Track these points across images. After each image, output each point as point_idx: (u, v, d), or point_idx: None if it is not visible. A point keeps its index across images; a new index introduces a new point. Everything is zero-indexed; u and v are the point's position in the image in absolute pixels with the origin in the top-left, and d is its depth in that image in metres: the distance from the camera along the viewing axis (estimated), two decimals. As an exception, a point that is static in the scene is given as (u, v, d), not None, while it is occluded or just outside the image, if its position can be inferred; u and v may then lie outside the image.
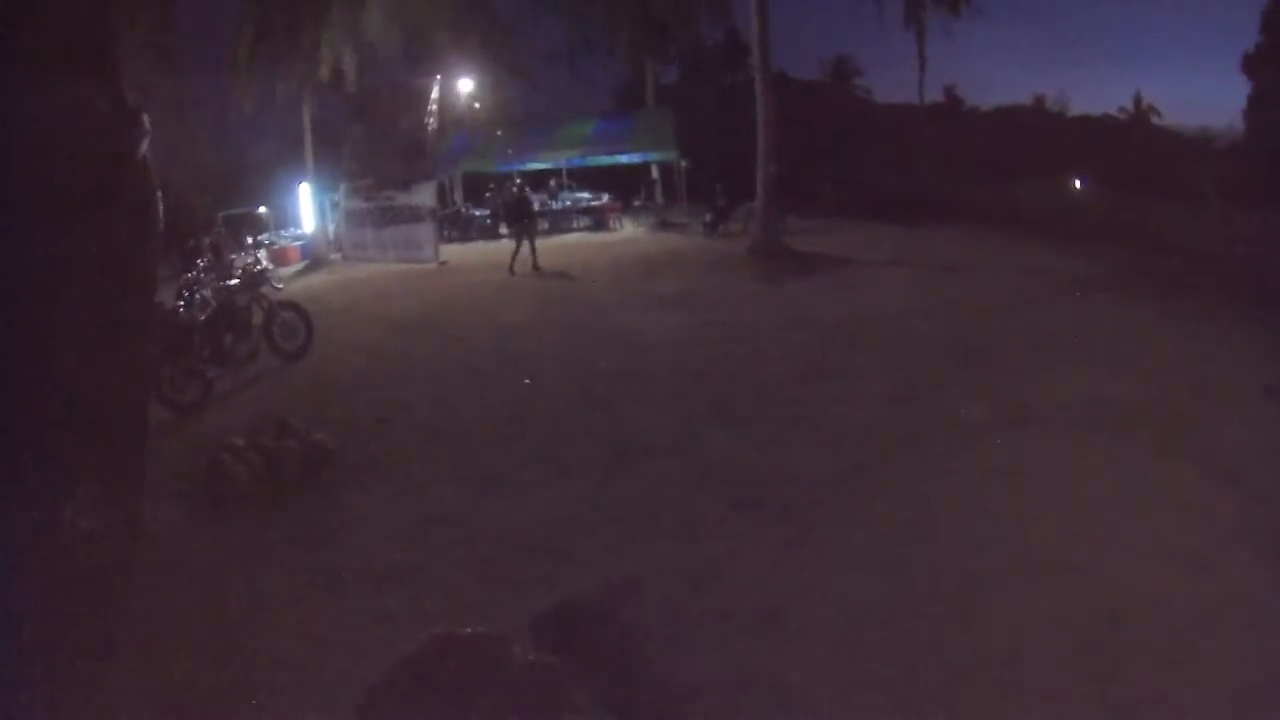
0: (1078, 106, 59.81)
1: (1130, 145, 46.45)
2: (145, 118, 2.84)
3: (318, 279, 25.91)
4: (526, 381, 11.89)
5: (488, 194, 33.28)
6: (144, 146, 2.86)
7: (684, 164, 31.90)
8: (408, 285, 22.19)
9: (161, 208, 2.91)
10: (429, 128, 25.50)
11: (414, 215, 25.61)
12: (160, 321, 10.43)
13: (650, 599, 5.80)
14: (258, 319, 13.60)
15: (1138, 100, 56.72)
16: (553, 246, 27.21)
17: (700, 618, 5.59)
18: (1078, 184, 37.45)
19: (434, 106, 25.51)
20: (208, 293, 14.25)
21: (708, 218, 27.15)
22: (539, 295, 18.66)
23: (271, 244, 31.66)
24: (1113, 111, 56.68)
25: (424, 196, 25.59)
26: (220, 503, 8.27)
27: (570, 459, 9.08)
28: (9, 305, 2.37)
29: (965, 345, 12.39)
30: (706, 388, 11.24)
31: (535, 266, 21.78)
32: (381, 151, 26.57)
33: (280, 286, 23.06)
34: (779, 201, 22.34)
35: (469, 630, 3.66)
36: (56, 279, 2.41)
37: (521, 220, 22.81)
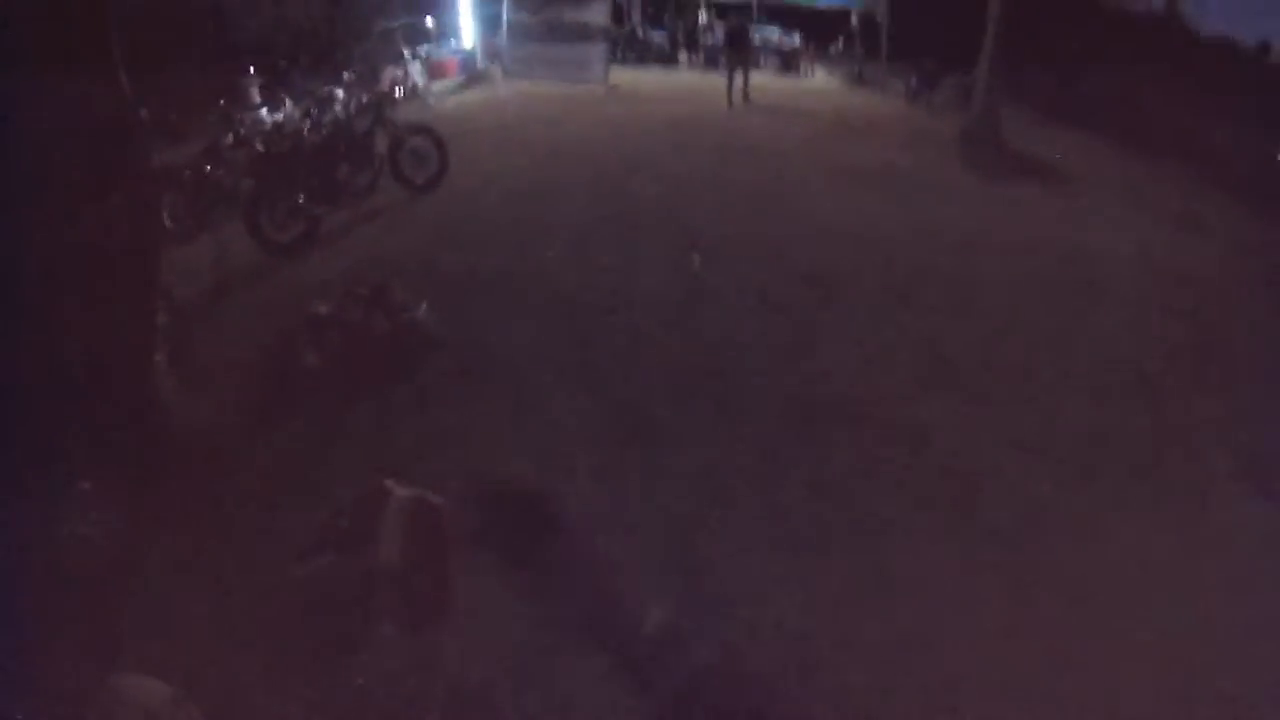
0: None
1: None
2: (144, 113, 2.95)
3: (474, 96, 23.70)
4: (695, 261, 9.41)
5: (667, 16, 30.10)
6: (144, 145, 2.76)
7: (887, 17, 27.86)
8: (570, 108, 19.76)
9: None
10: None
11: (584, 33, 22.82)
12: (260, 151, 10.20)
13: None
14: (383, 146, 11.45)
15: None
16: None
17: None
18: None
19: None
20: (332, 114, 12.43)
21: (913, 82, 23.44)
22: (718, 143, 15.83)
23: (429, 58, 29.67)
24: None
25: (596, 13, 22.71)
26: (284, 389, 6.37)
27: (737, 402, 6.70)
28: (9, 304, 2.28)
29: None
30: (912, 313, 8.61)
31: (746, 97, 20.72)
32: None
33: (431, 103, 21.48)
34: (1002, 82, 18.66)
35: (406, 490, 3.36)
36: (57, 277, 2.35)
37: (739, 50, 21.38)
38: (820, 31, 29.74)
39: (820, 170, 14.20)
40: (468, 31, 27.70)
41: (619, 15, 31.46)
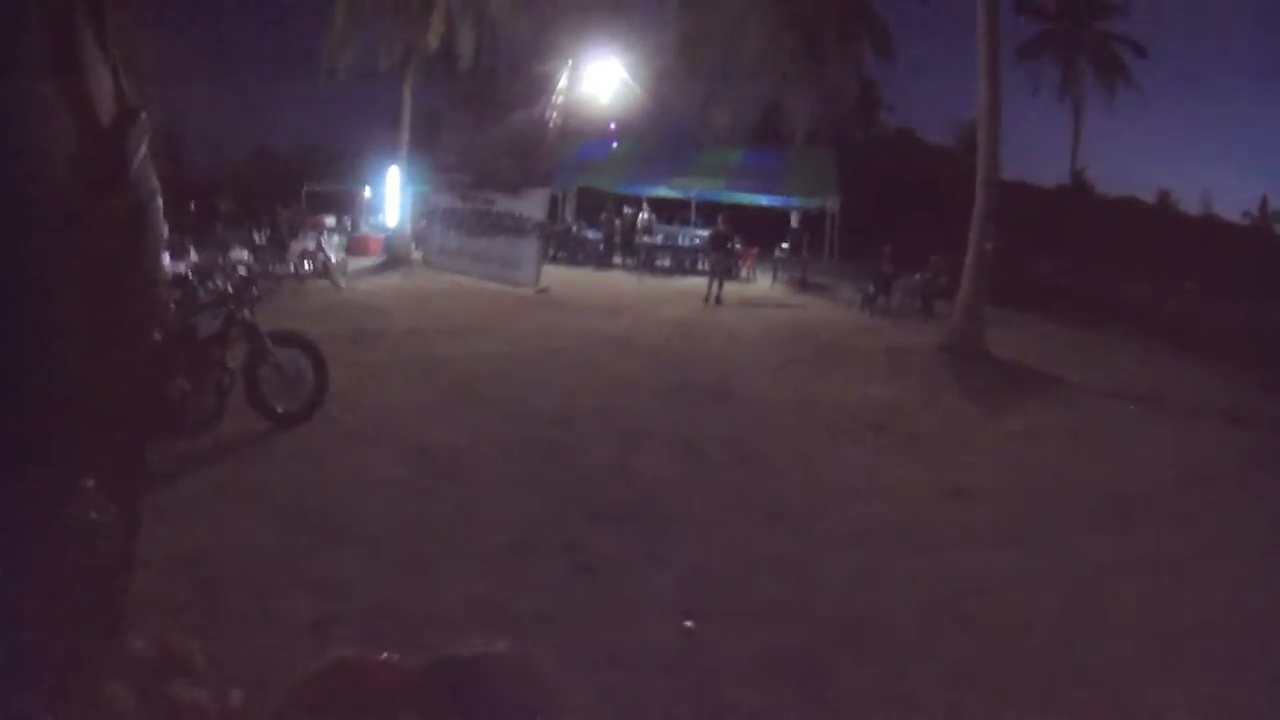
0: (1197, 206, 54.82)
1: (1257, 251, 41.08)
2: (145, 117, 2.44)
3: (390, 282, 20.88)
4: (688, 625, 5.25)
5: (603, 215, 27.95)
6: (144, 145, 2.47)
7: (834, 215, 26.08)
8: (494, 314, 16.87)
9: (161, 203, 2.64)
10: (550, 124, 20.00)
11: (516, 227, 20.21)
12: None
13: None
14: (239, 357, 8.21)
15: (1264, 205, 52.18)
16: (679, 289, 21.79)
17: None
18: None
19: (560, 99, 20.01)
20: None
21: (870, 288, 21.21)
22: (676, 380, 12.74)
23: (353, 232, 27.23)
24: (1230, 216, 52.15)
25: (532, 206, 20.10)
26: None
27: None
28: (9, 304, 2.13)
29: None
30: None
31: (719, 300, 20.23)
32: (488, 145, 21.27)
33: (342, 285, 18.53)
34: (987, 286, 16.40)
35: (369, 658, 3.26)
36: (57, 278, 2.22)
37: (722, 254, 21.22)
38: (757, 231, 27.77)
39: (808, 417, 11.25)
40: (392, 209, 25.30)
41: (553, 209, 29.39)
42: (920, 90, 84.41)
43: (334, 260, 20.94)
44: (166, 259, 11.10)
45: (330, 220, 27.40)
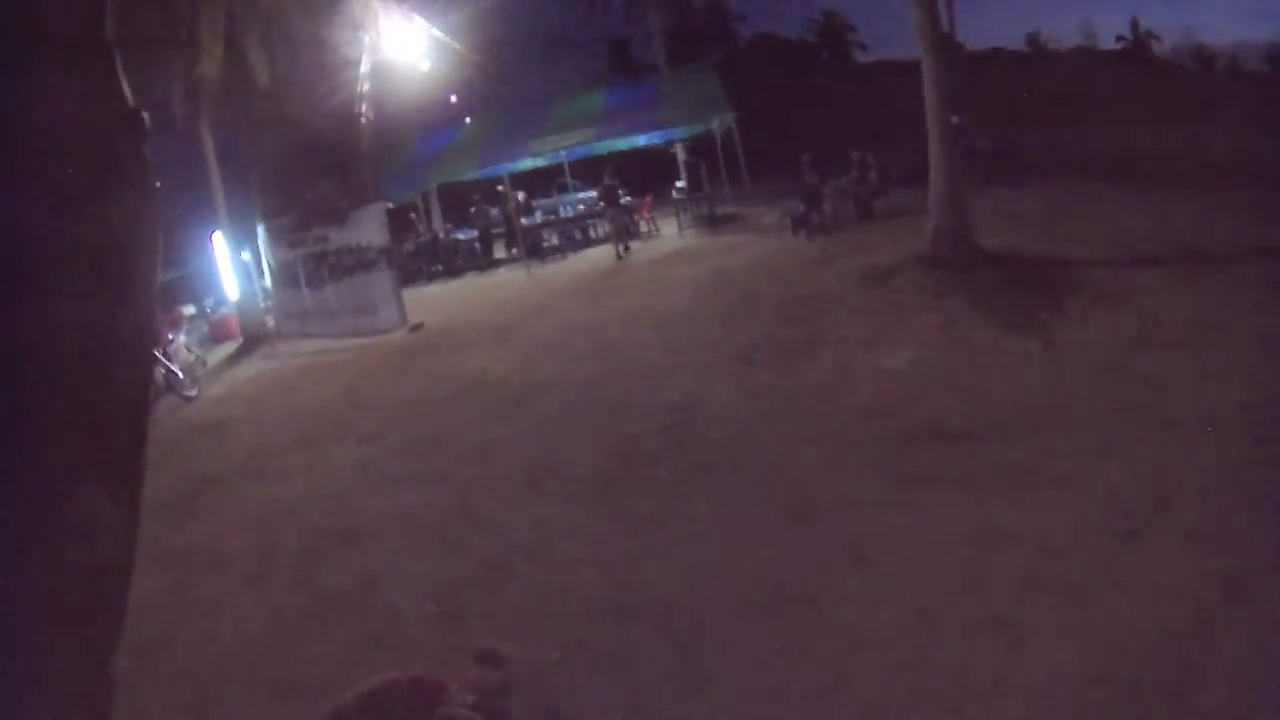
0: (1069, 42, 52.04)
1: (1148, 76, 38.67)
2: (145, 116, 2.33)
3: (246, 372, 16.20)
4: None
5: (472, 210, 23.16)
6: (145, 144, 2.35)
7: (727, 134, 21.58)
8: (359, 387, 12.37)
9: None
10: (361, 120, 15.18)
11: (359, 261, 15.41)
12: None
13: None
14: None
15: (1135, 27, 49.37)
16: (575, 273, 17.30)
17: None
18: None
19: (365, 86, 15.16)
20: None
21: (797, 207, 16.89)
22: (605, 413, 8.76)
23: (211, 315, 22.37)
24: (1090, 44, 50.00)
25: (369, 230, 15.26)
26: None
27: None
28: (8, 304, 2.01)
29: None
30: None
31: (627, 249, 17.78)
32: (301, 171, 16.40)
33: (192, 395, 13.91)
34: (963, 174, 12.35)
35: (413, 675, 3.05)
36: (56, 278, 2.08)
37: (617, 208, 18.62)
38: (647, 178, 23.33)
39: (833, 451, 7.24)
40: (229, 281, 20.32)
41: (407, 220, 24.50)
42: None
43: (192, 358, 16.97)
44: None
45: (190, 309, 23.03)
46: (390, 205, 21.90)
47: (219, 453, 10.86)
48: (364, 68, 15.07)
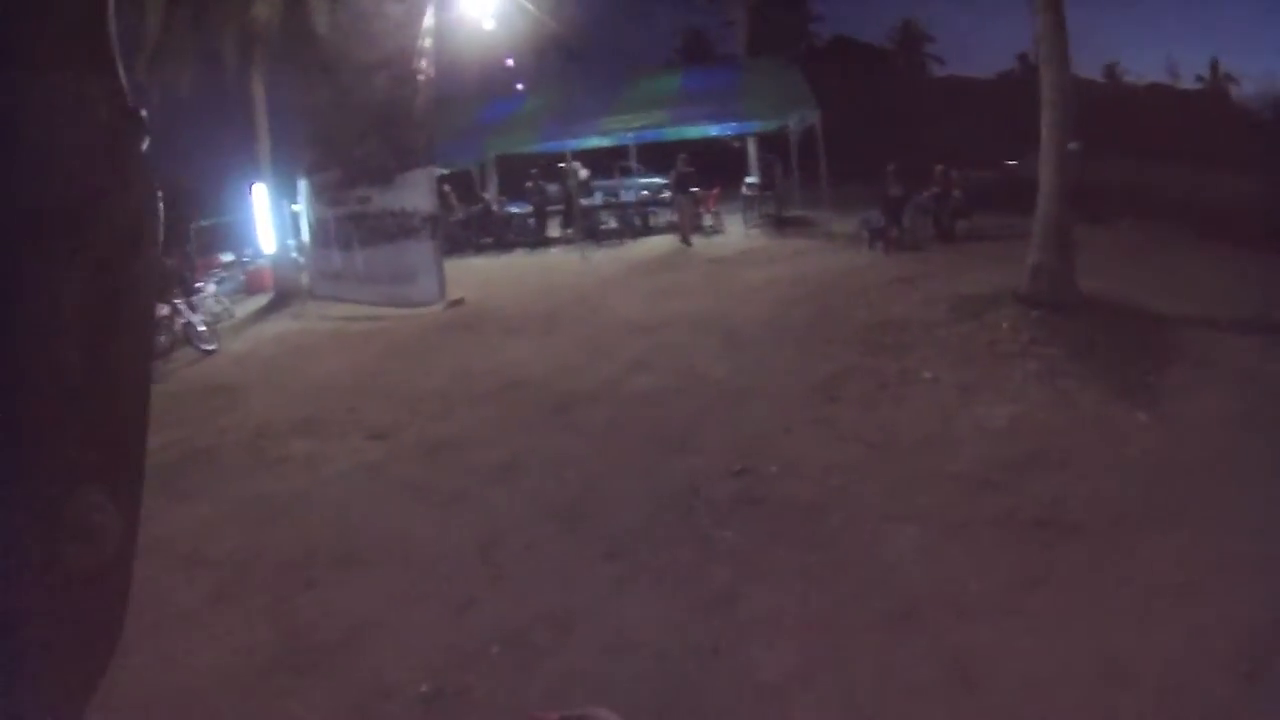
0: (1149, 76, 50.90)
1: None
2: (145, 115, 2.20)
3: (272, 329, 15.14)
4: None
5: (528, 184, 21.81)
6: (144, 144, 2.23)
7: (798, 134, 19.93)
8: (385, 365, 11.32)
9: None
10: (419, 79, 13.83)
11: (401, 228, 14.14)
12: None
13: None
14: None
15: (1214, 68, 48.52)
16: (633, 262, 15.97)
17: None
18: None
19: (427, 41, 13.81)
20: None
21: (876, 220, 15.40)
22: (667, 441, 7.43)
23: (247, 265, 21.34)
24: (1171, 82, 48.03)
25: (415, 195, 13.97)
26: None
27: None
28: (9, 304, 1.91)
29: None
30: None
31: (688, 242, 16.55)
32: (349, 127, 15.12)
33: (211, 348, 12.90)
34: (1071, 204, 10.79)
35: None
36: (56, 279, 1.99)
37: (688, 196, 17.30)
38: (714, 170, 21.90)
39: (935, 530, 5.83)
40: (266, 233, 19.16)
41: (464, 190, 23.23)
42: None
43: (220, 309, 16.39)
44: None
45: (228, 257, 22.09)
46: (445, 171, 20.83)
47: (221, 422, 9.80)
48: (427, 21, 13.72)
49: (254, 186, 18.47)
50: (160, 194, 2.37)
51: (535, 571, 5.50)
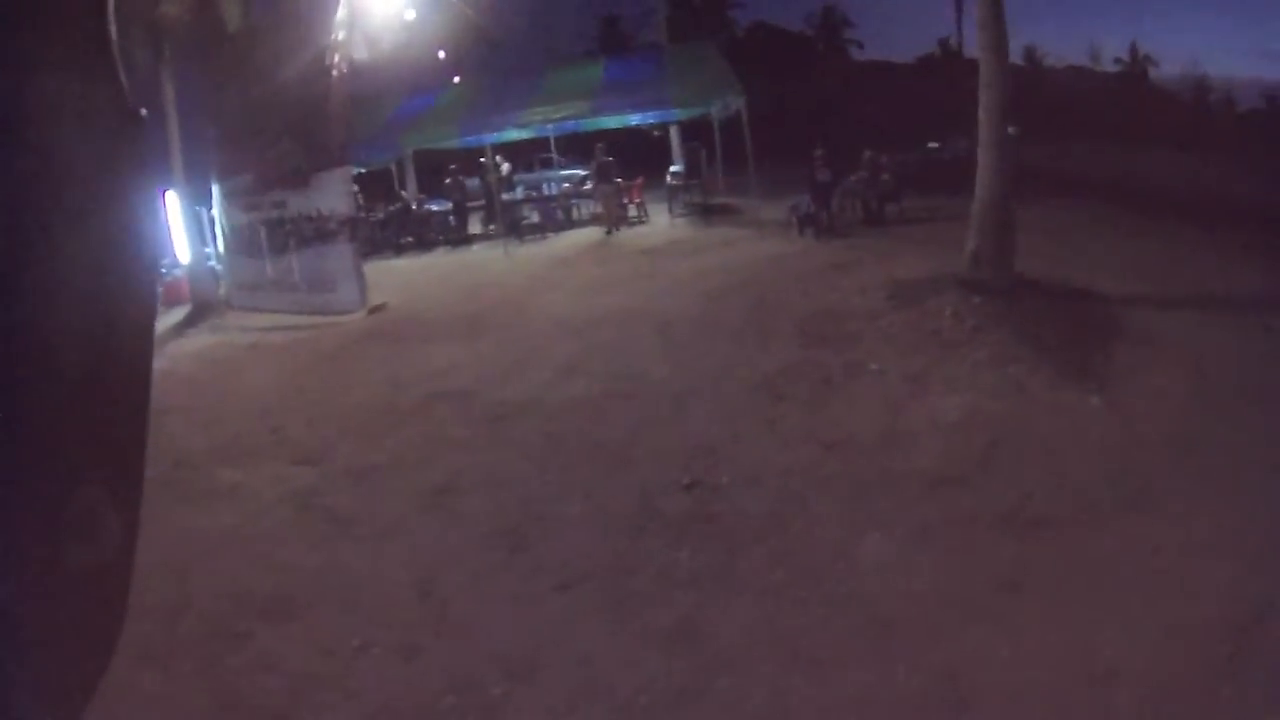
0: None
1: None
2: (144, 114, 2.04)
3: (188, 348, 14.18)
4: None
5: (448, 180, 21.15)
6: (143, 144, 2.08)
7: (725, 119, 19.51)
8: (305, 382, 10.59)
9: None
10: (333, 74, 13.16)
11: (318, 231, 13.45)
12: None
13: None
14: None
15: (1134, 50, 49.65)
16: (556, 257, 15.57)
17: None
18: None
19: (340, 35, 13.14)
20: None
21: (804, 205, 15.18)
22: (604, 457, 7.01)
23: (165, 277, 20.22)
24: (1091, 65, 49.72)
25: (332, 196, 13.27)
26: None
27: None
28: (9, 305, 1.81)
29: None
30: None
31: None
32: (262, 126, 14.38)
33: None
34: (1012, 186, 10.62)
35: None
36: (57, 280, 1.89)
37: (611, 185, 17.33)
38: (635, 160, 21.55)
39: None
40: (181, 243, 18.19)
41: (387, 187, 22.52)
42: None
43: None
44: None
45: None
46: (362, 170, 20.11)
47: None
48: (340, 15, 13.07)
49: (165, 192, 17.53)
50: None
51: (481, 609, 5.08)
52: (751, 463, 6.36)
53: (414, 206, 21.37)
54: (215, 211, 16.88)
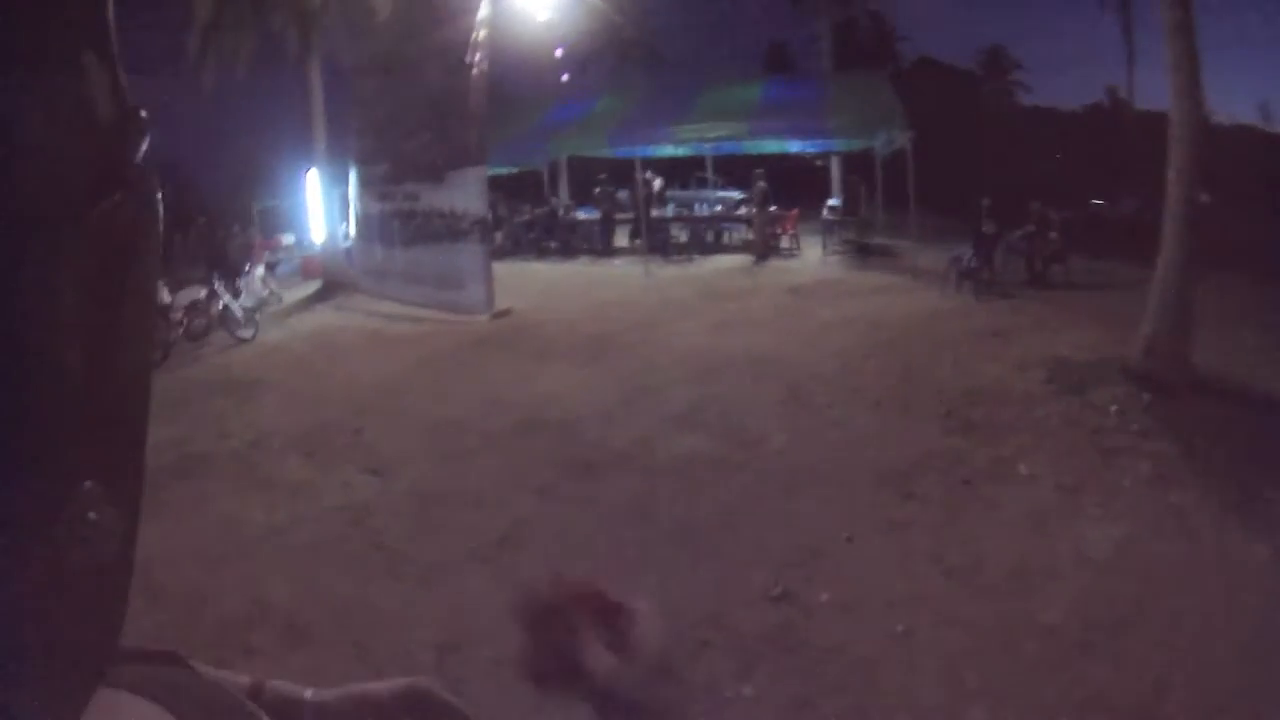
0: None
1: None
2: (145, 114, 0.81)
3: (310, 322, 14.27)
4: None
5: (597, 190, 20.57)
6: (144, 144, 0.83)
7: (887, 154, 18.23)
8: (414, 381, 10.26)
9: (161, 205, 0.86)
10: (472, 72, 12.63)
11: (450, 229, 13.07)
12: None
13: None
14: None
15: None
16: (700, 283, 14.76)
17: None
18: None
19: (481, 33, 12.61)
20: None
21: (965, 258, 13.80)
22: (692, 550, 5.91)
23: (307, 249, 20.88)
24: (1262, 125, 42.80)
25: (465, 195, 12.88)
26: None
27: None
28: (9, 305, 0.75)
29: None
30: None
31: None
32: (401, 119, 14.08)
33: (247, 336, 11.95)
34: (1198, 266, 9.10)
35: None
36: (57, 278, 0.81)
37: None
38: (792, 189, 20.49)
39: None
40: (317, 221, 18.42)
41: (533, 190, 22.16)
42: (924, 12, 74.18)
43: (266, 293, 15.60)
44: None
45: (289, 239, 22.18)
46: (512, 170, 19.83)
47: (228, 425, 8.93)
48: (483, 12, 12.56)
49: (308, 172, 17.64)
50: (160, 194, 1.64)
51: (495, 701, 4.17)
52: (857, 580, 5.23)
53: (561, 212, 20.88)
54: (350, 196, 16.83)
